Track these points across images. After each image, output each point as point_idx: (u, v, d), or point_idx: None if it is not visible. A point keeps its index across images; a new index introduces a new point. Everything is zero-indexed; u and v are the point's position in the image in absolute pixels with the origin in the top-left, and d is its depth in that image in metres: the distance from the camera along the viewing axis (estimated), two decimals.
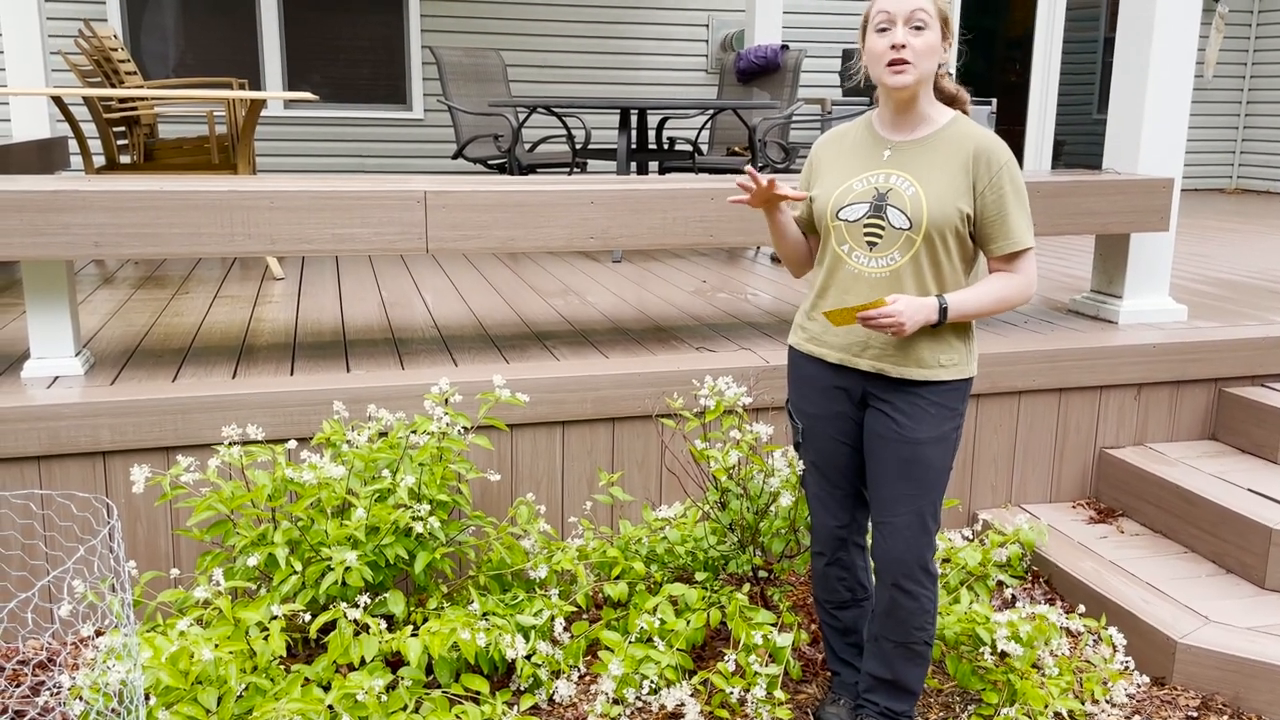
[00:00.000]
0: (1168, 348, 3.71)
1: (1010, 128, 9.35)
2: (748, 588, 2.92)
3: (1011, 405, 3.61)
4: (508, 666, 2.73)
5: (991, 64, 9.54)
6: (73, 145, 7.07)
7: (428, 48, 7.92)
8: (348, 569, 2.49)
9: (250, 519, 2.66)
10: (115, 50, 5.42)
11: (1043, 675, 2.69)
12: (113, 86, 5.25)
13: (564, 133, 6.62)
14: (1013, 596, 3.21)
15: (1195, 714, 2.70)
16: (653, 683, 2.61)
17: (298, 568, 2.53)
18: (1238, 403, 3.74)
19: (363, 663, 2.47)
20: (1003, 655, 2.76)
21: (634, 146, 5.90)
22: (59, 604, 2.91)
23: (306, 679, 2.45)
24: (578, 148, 5.95)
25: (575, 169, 5.97)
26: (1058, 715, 2.61)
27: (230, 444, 2.67)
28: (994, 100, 7.98)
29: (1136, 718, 2.68)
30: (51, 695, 2.60)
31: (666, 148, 6.51)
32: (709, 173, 5.99)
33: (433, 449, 2.73)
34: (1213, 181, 10.24)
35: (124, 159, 5.32)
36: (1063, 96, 9.56)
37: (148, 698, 2.28)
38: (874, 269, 2.22)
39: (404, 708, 2.44)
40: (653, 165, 7.69)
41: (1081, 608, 3.05)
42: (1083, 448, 3.72)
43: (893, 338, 2.23)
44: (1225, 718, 2.69)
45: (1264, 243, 6.44)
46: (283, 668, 2.55)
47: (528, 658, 2.65)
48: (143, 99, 5.17)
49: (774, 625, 2.73)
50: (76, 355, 3.15)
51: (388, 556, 2.60)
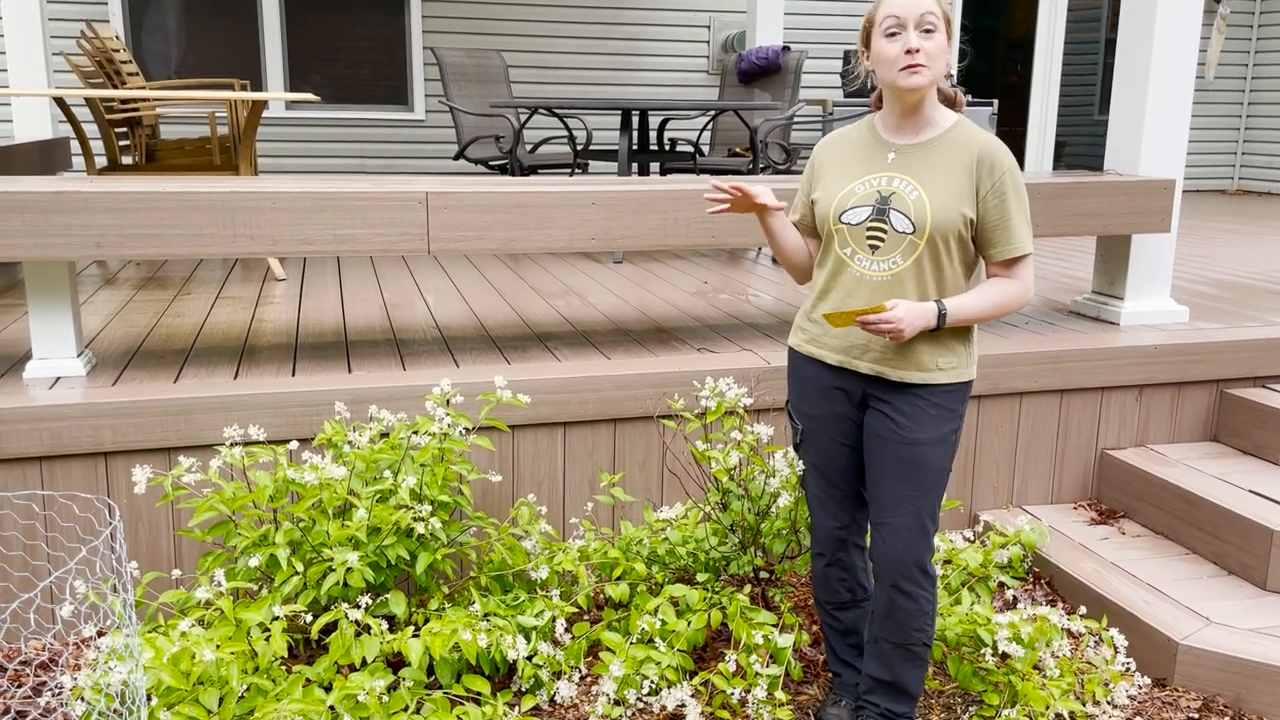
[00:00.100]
0: (1169, 349, 3.71)
1: (1011, 129, 9.35)
2: (749, 589, 2.92)
3: (1013, 406, 3.61)
4: (509, 667, 2.74)
5: (993, 65, 9.54)
6: (74, 146, 7.07)
7: (429, 48, 7.93)
8: (349, 570, 2.49)
9: (252, 520, 2.66)
10: (117, 51, 5.43)
11: (1044, 676, 2.69)
12: (114, 87, 5.25)
13: (565, 134, 6.63)
14: (1014, 598, 3.21)
15: (1196, 715, 2.70)
16: (653, 683, 2.61)
17: (299, 568, 2.53)
18: (1239, 404, 3.74)
19: (364, 663, 2.47)
20: (1004, 656, 2.76)
21: (635, 147, 5.90)
22: (61, 605, 2.91)
23: (308, 680, 2.46)
24: (579, 149, 5.95)
25: (576, 170, 5.98)
26: (1059, 716, 2.61)
27: (232, 445, 2.67)
28: (995, 101, 7.98)
29: (1138, 719, 2.68)
30: (53, 696, 2.61)
31: (668, 149, 6.51)
32: (710, 174, 5.99)
33: (434, 450, 2.74)
34: (1214, 183, 10.24)
35: (126, 160, 5.32)
36: (1064, 98, 9.56)
37: (149, 698, 2.29)
38: (876, 272, 2.23)
39: (405, 708, 2.44)
40: (654, 166, 7.70)
41: (1083, 609, 3.05)
42: (1084, 449, 3.72)
43: (891, 342, 2.23)
44: (1226, 719, 2.69)
45: (1265, 244, 6.44)
46: (284, 668, 2.55)
47: (529, 658, 2.65)
48: (144, 100, 5.17)
49: (775, 626, 2.73)
50: (78, 356, 3.15)
51: (389, 557, 2.60)
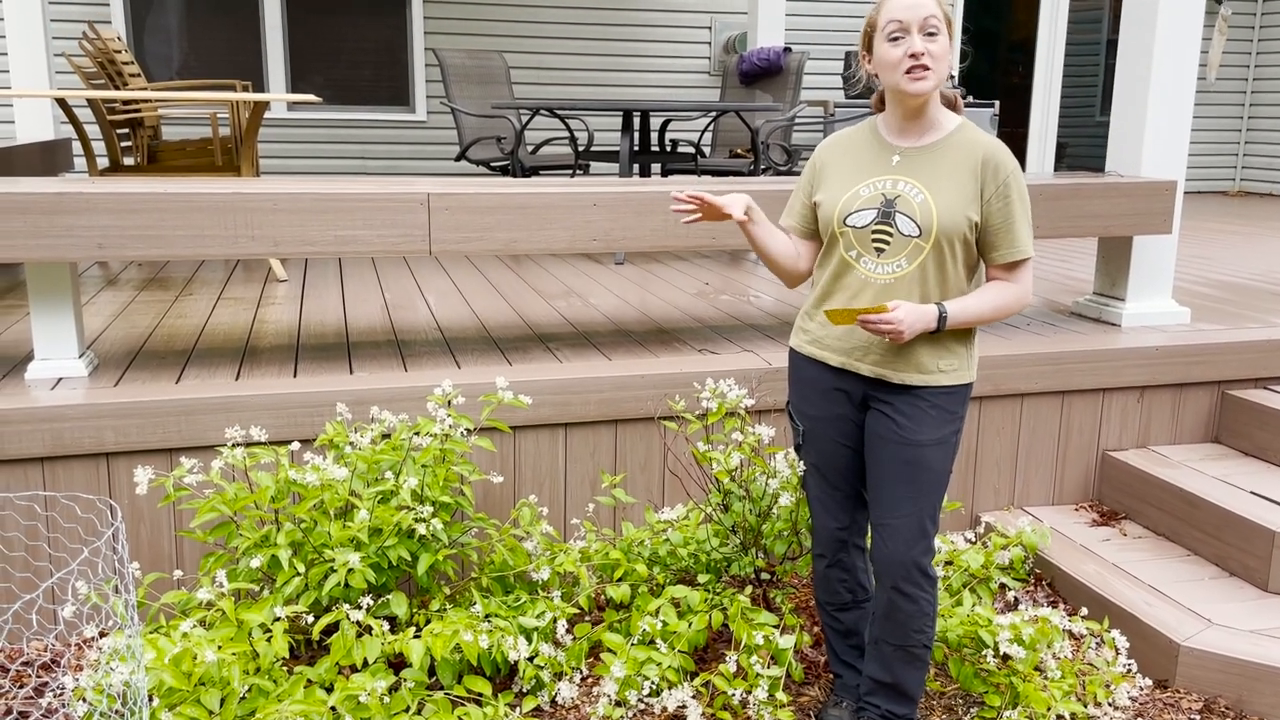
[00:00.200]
0: (1170, 350, 3.71)
1: (1013, 130, 9.35)
2: (750, 590, 2.92)
3: (1014, 408, 3.61)
4: (510, 668, 2.74)
5: (994, 66, 9.54)
6: (76, 147, 7.07)
7: (431, 50, 7.94)
8: (350, 571, 2.49)
9: (253, 520, 2.66)
10: (119, 52, 5.43)
11: (1045, 678, 2.69)
12: (116, 88, 5.26)
13: (567, 135, 6.63)
14: (1015, 599, 3.21)
15: (1198, 717, 2.69)
16: (654, 685, 2.61)
17: (301, 569, 2.53)
18: (1241, 405, 3.74)
19: (365, 664, 2.47)
20: (1005, 658, 2.76)
21: (636, 149, 5.90)
22: (63, 605, 2.91)
23: (309, 680, 2.46)
24: (580, 150, 5.95)
25: (578, 171, 5.98)
26: (1060, 718, 2.61)
27: (233, 445, 2.67)
28: (997, 102, 7.98)
29: None
30: (55, 696, 2.61)
31: (669, 150, 6.51)
32: (711, 175, 5.99)
33: (435, 451, 2.74)
34: (1215, 184, 10.23)
35: (128, 161, 5.32)
36: (1065, 99, 9.56)
37: (151, 699, 2.29)
38: (881, 274, 2.23)
39: (406, 709, 2.44)
40: (655, 167, 7.70)
41: (1084, 610, 3.05)
42: (1085, 450, 3.72)
43: (891, 343, 2.23)
44: None
45: (1267, 245, 6.43)
46: (285, 669, 2.55)
47: (530, 659, 2.65)
48: (146, 101, 5.18)
49: (776, 627, 2.73)
50: (80, 357, 3.15)
51: (390, 558, 2.60)
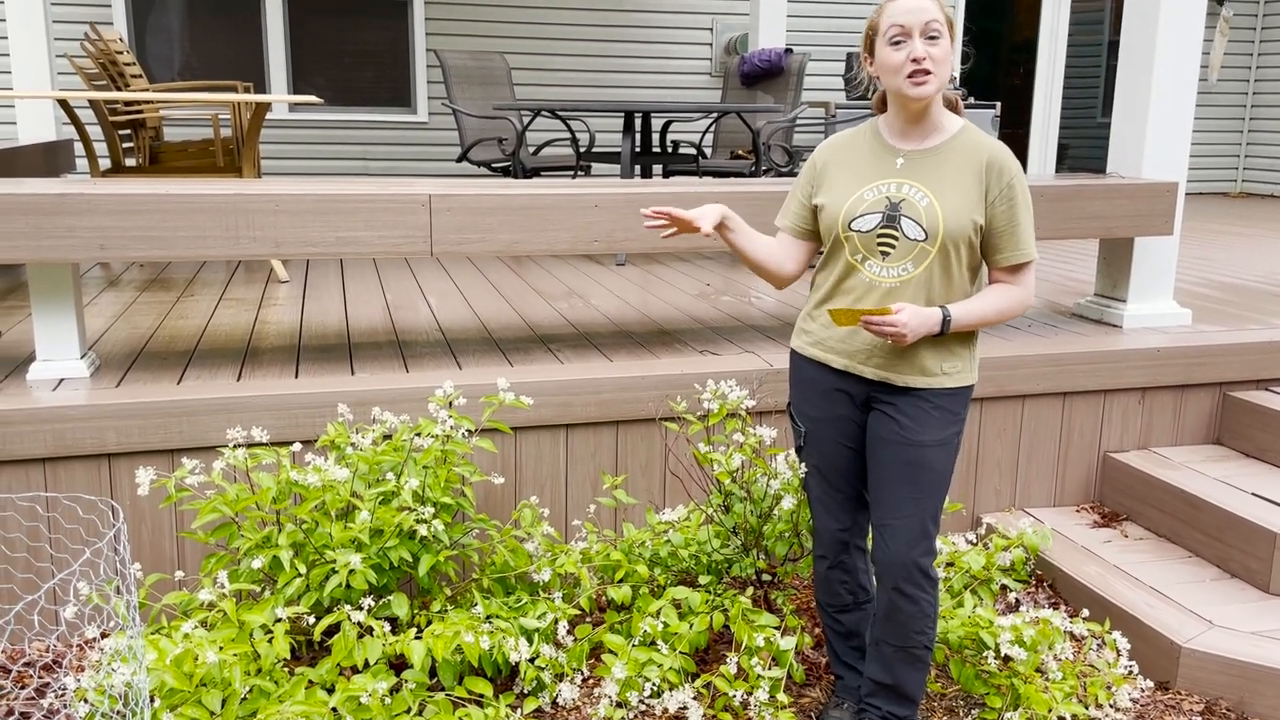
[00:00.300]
0: (1172, 352, 3.71)
1: (1014, 131, 9.35)
2: (751, 591, 2.92)
3: (1015, 409, 3.60)
4: (511, 669, 2.74)
5: (996, 67, 9.54)
6: (78, 148, 7.08)
7: (432, 51, 7.94)
8: (352, 572, 2.49)
9: (255, 521, 2.66)
10: (121, 53, 5.43)
11: (1046, 679, 2.69)
12: (118, 89, 5.26)
13: (568, 136, 6.63)
14: (1016, 600, 3.21)
15: (1199, 719, 2.69)
16: (655, 686, 2.61)
17: (302, 570, 2.53)
18: (1242, 407, 3.74)
19: (366, 665, 2.47)
20: (1006, 659, 2.76)
21: (638, 150, 5.90)
22: (64, 606, 2.92)
23: (310, 681, 2.46)
24: (582, 151, 5.96)
25: (579, 172, 5.98)
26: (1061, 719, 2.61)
27: (235, 446, 2.67)
28: (998, 104, 7.98)
29: None
30: (57, 697, 2.61)
31: (670, 151, 6.52)
32: (713, 176, 6.00)
33: (437, 452, 2.74)
34: (1217, 185, 10.23)
35: (129, 162, 5.33)
36: (1067, 100, 9.56)
37: (152, 700, 2.29)
38: (887, 278, 2.22)
39: (408, 710, 2.45)
40: (657, 169, 7.71)
41: (1085, 612, 3.05)
42: (1087, 452, 3.72)
43: (894, 345, 2.23)
44: None
45: (1268, 246, 6.43)
46: (287, 670, 2.55)
47: (531, 661, 2.65)
48: (148, 102, 5.18)
49: (777, 629, 2.73)
50: (82, 358, 3.15)
51: (392, 559, 2.60)
